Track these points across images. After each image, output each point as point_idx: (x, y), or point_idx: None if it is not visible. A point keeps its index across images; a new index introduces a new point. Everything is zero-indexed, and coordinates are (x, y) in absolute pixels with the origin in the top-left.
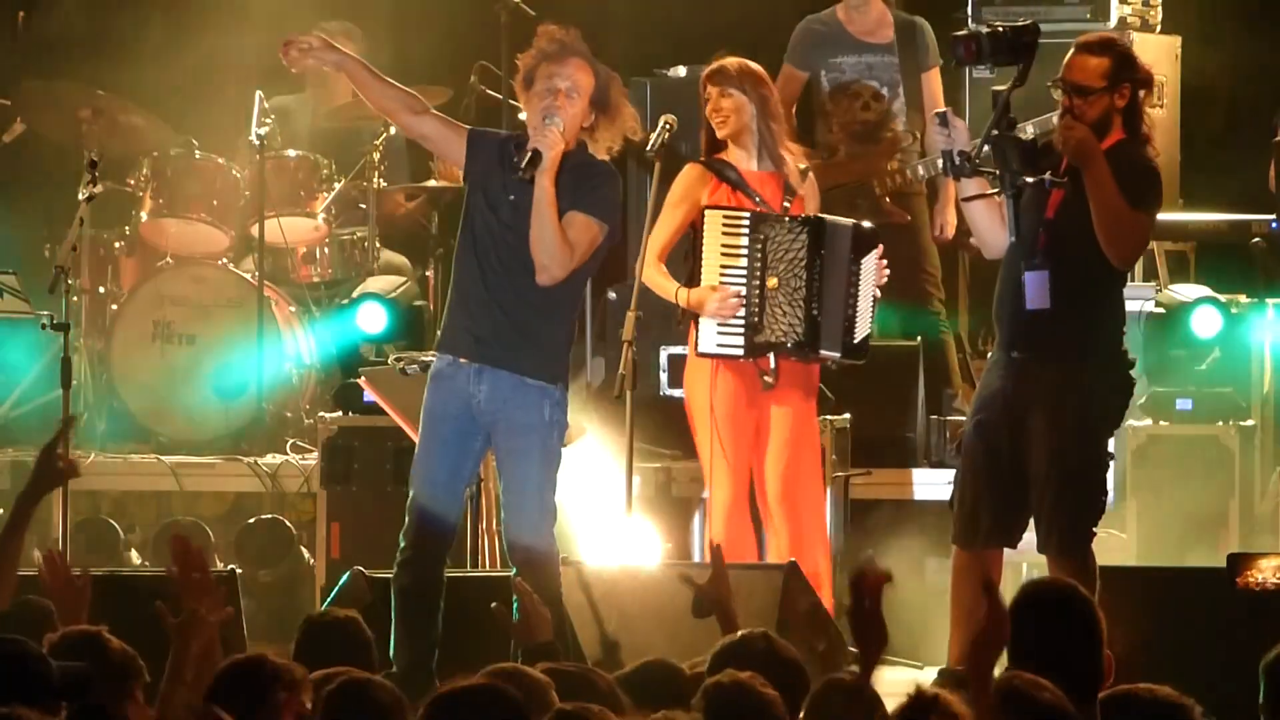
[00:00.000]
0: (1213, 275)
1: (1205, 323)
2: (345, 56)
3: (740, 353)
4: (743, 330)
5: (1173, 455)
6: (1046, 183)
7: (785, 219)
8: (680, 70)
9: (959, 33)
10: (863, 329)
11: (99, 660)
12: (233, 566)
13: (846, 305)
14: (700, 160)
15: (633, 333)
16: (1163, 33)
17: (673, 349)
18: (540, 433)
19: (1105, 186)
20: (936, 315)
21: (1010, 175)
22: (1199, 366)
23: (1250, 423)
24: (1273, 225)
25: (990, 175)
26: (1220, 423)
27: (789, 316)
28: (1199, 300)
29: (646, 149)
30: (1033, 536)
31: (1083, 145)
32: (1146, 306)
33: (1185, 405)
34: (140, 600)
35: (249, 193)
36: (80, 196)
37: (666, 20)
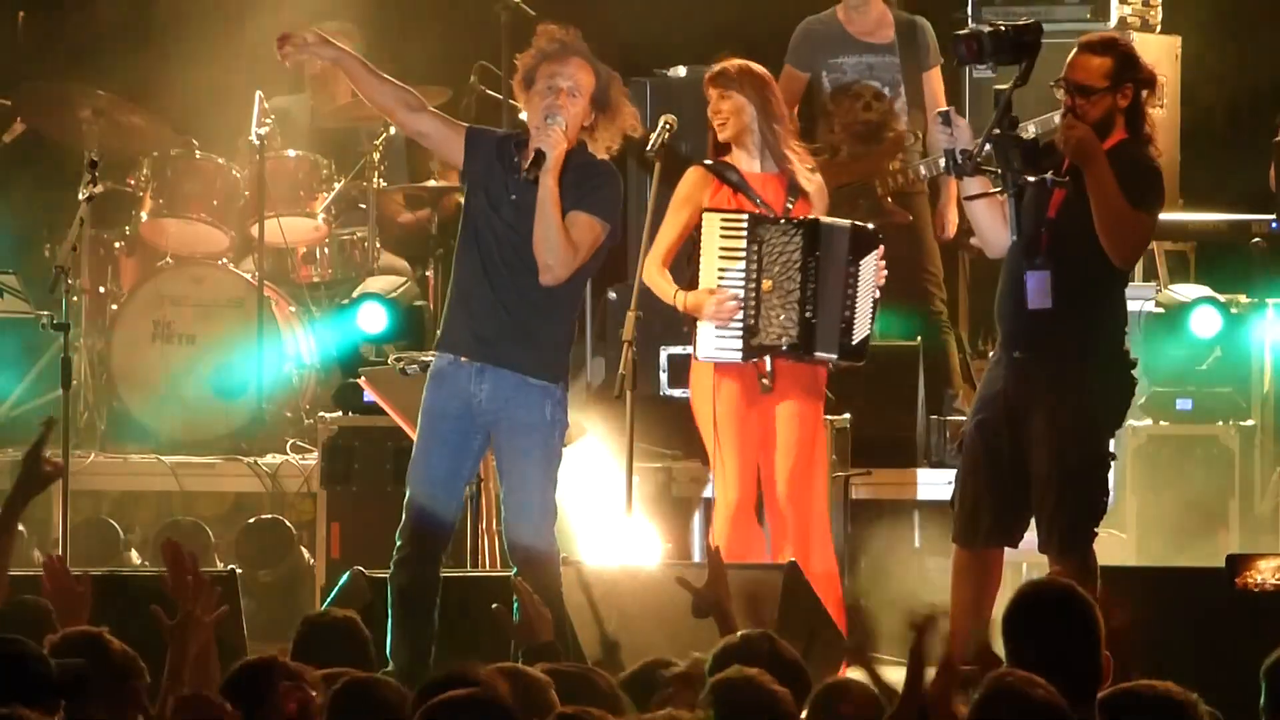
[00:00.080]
0: (1213, 275)
1: (1205, 323)
2: (341, 52)
3: (738, 356)
4: (740, 334)
5: (1173, 455)
6: (1048, 182)
7: (780, 221)
8: (680, 70)
9: (960, 32)
10: (861, 330)
11: (100, 661)
12: (233, 566)
13: (844, 306)
14: (703, 163)
15: (633, 333)
16: (1163, 33)
17: (673, 349)
18: (542, 432)
19: (1106, 186)
20: (938, 315)
21: (1012, 174)
22: (1199, 366)
23: (1250, 423)
24: (1273, 225)
25: (992, 174)
26: (1220, 423)
27: (783, 319)
28: (1198, 300)
29: (646, 149)
30: (1033, 536)
31: (1084, 144)
32: (1146, 306)
33: (1185, 405)
34: (140, 600)
35: (249, 193)
36: (80, 196)
37: (666, 20)
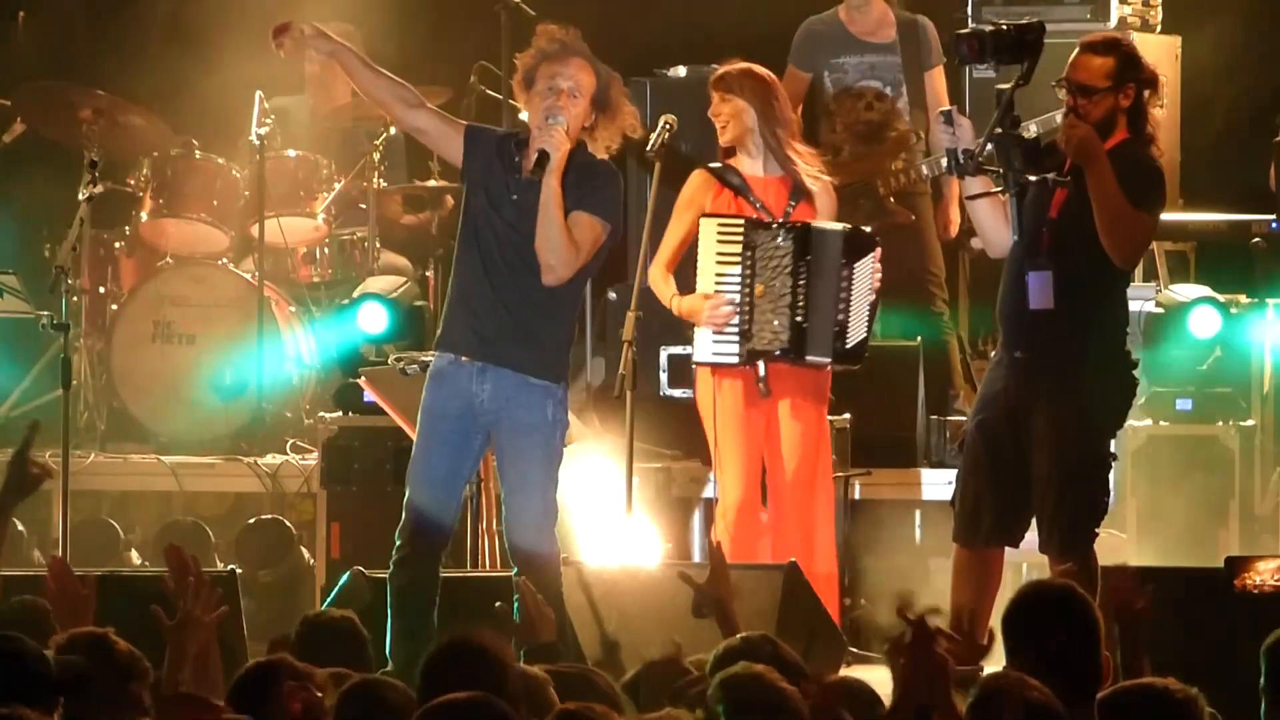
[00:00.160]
0: (1213, 275)
1: (1204, 323)
2: (338, 46)
3: (735, 360)
4: (736, 338)
5: (1173, 455)
6: (1050, 182)
7: (773, 225)
8: (680, 70)
9: (962, 31)
10: (857, 334)
11: (106, 661)
12: (233, 566)
13: (837, 310)
14: (707, 166)
15: (633, 333)
16: (1163, 33)
17: (673, 349)
18: (543, 432)
19: (1107, 185)
20: (940, 316)
21: (1014, 174)
22: (1199, 366)
23: (1250, 423)
24: (1273, 225)
25: (994, 174)
26: (1220, 423)
27: (775, 324)
28: (1197, 300)
29: (646, 149)
30: (1034, 537)
31: (1085, 144)
32: (1146, 306)
33: (1185, 405)
34: (140, 600)
35: (249, 193)
36: (80, 196)
37: (666, 20)
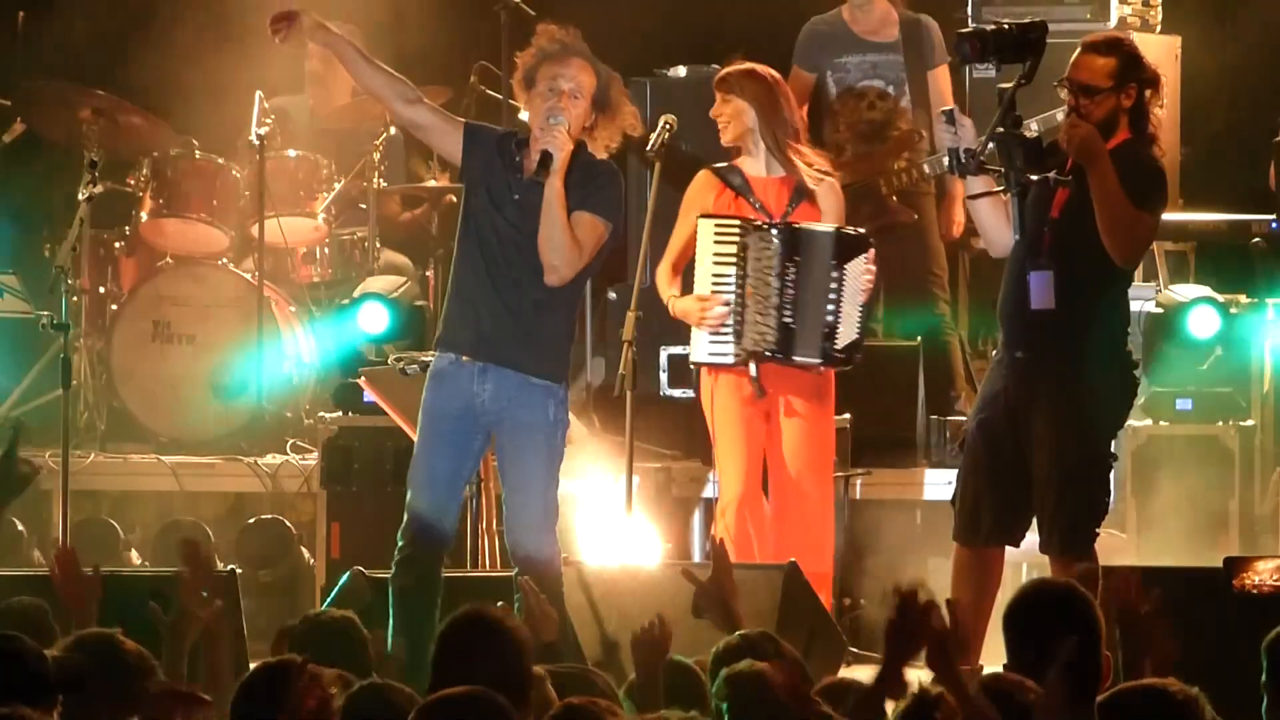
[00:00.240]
0: (1213, 275)
1: (1202, 323)
2: (336, 37)
3: (729, 360)
4: (730, 338)
5: (1173, 455)
6: (1051, 181)
7: (765, 226)
8: (680, 70)
9: (964, 30)
10: (847, 334)
11: (114, 661)
12: (233, 566)
13: (826, 311)
14: (711, 166)
15: (633, 333)
16: (1163, 33)
17: (673, 349)
18: (545, 431)
19: (1109, 185)
20: (942, 316)
21: (1015, 173)
22: (1199, 366)
23: (1250, 423)
24: (1273, 225)
25: (995, 173)
26: (1220, 423)
27: (761, 324)
28: (1196, 300)
29: (646, 149)
30: (1035, 537)
31: (1087, 143)
32: (1146, 306)
33: (1185, 405)
34: (140, 600)
35: (249, 193)
36: (80, 196)
37: (666, 20)
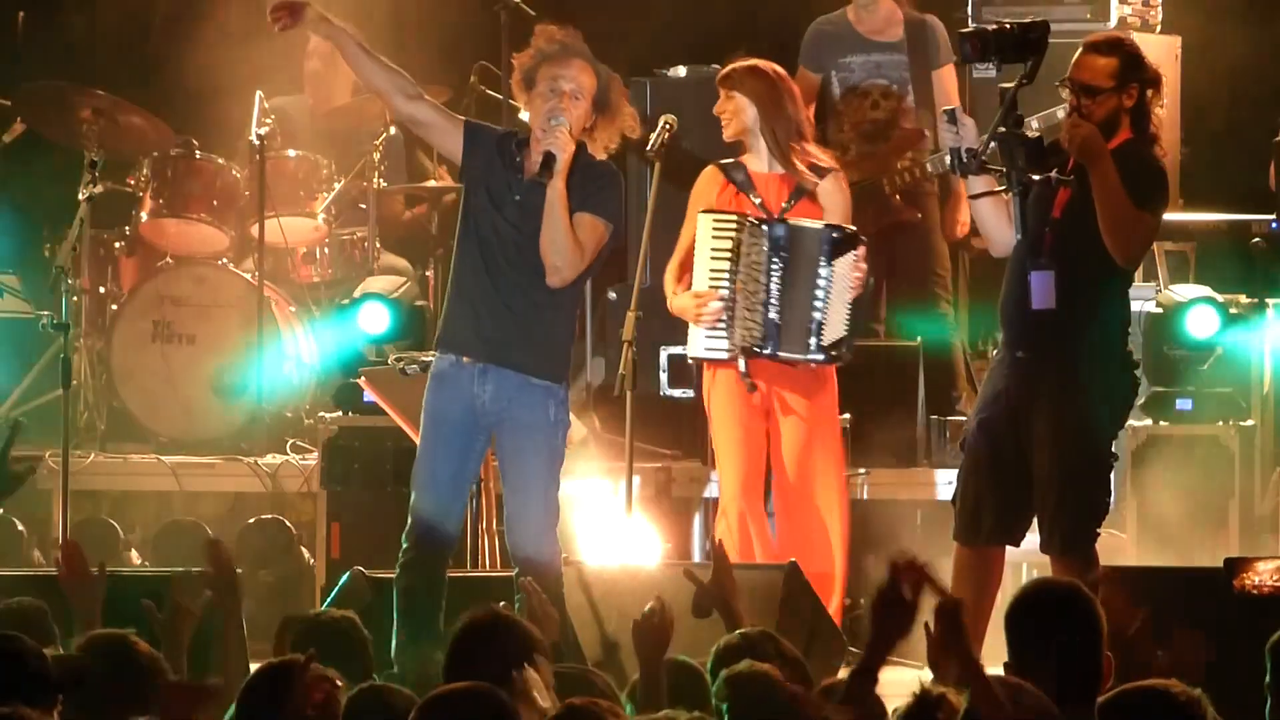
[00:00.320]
0: (1213, 275)
1: (1201, 323)
2: (337, 30)
3: (724, 355)
4: (725, 334)
5: (1173, 455)
6: (1053, 180)
7: (757, 222)
8: (680, 70)
9: (965, 30)
10: (835, 331)
11: (127, 663)
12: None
13: (813, 307)
14: (718, 162)
15: (633, 333)
16: (1163, 33)
17: (673, 349)
18: (545, 432)
19: (1110, 184)
20: (944, 316)
21: (1017, 173)
22: (1199, 366)
23: (1250, 423)
24: (1273, 225)
25: (997, 173)
26: (1220, 423)
27: (749, 320)
28: (1194, 300)
29: (646, 149)
30: (1035, 536)
31: (1088, 143)
32: (1146, 306)
33: (1185, 405)
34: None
35: (249, 193)
36: (80, 196)
37: (666, 20)
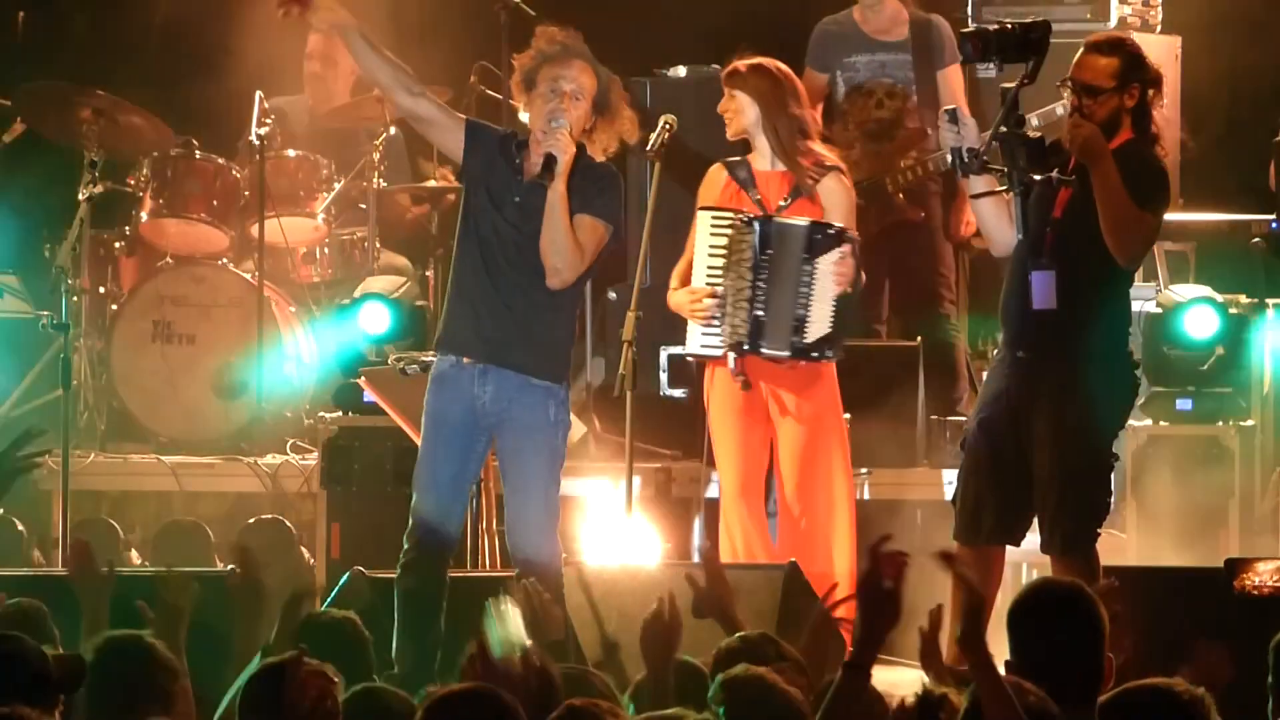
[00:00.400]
0: (1213, 275)
1: (1201, 323)
2: (345, 21)
3: (718, 352)
4: (719, 330)
5: (1173, 455)
6: (1054, 180)
7: (748, 219)
8: (680, 70)
9: (967, 29)
10: (818, 329)
11: (146, 664)
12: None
13: (796, 304)
14: (725, 160)
15: (633, 333)
16: (1163, 33)
17: (673, 349)
18: (546, 432)
19: (1111, 184)
20: (946, 317)
21: (1018, 173)
22: (1199, 366)
23: (1250, 423)
24: (1273, 225)
25: (998, 173)
26: (1220, 423)
27: (735, 317)
28: (1194, 300)
29: (646, 149)
30: (1036, 536)
31: (1090, 142)
32: (1146, 306)
33: (1185, 405)
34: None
35: (249, 193)
36: (80, 196)
37: (666, 20)
